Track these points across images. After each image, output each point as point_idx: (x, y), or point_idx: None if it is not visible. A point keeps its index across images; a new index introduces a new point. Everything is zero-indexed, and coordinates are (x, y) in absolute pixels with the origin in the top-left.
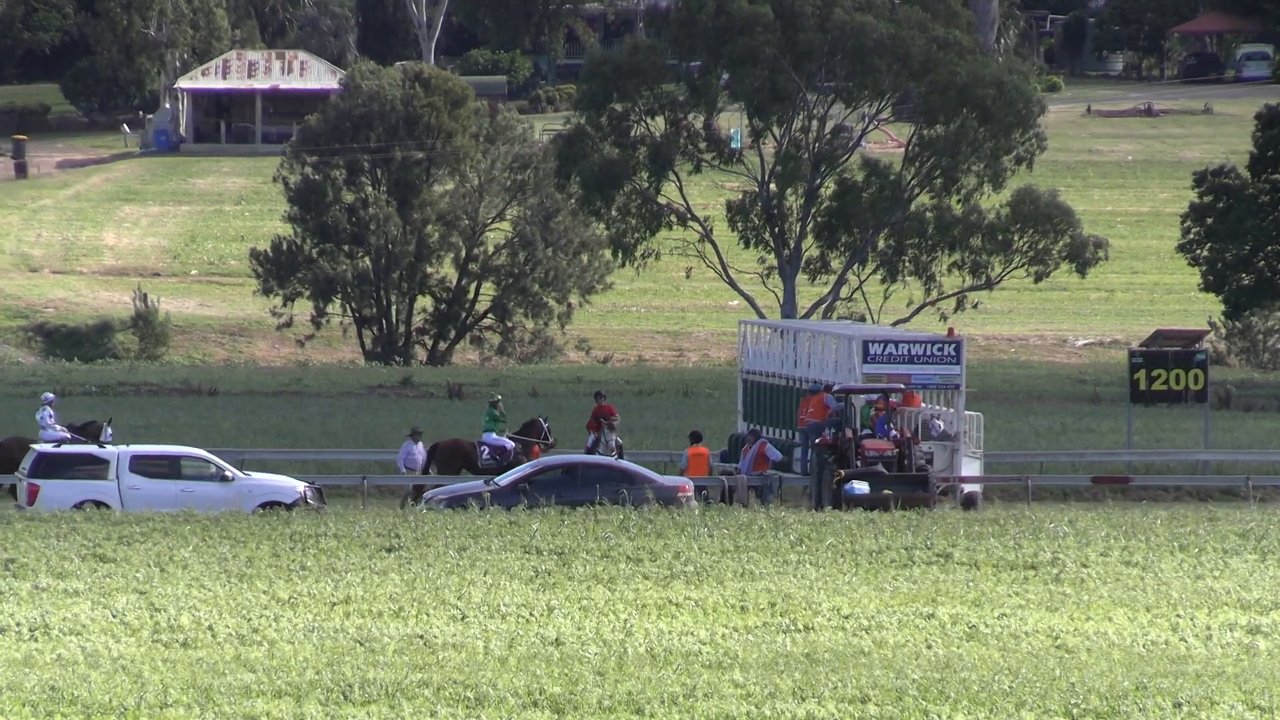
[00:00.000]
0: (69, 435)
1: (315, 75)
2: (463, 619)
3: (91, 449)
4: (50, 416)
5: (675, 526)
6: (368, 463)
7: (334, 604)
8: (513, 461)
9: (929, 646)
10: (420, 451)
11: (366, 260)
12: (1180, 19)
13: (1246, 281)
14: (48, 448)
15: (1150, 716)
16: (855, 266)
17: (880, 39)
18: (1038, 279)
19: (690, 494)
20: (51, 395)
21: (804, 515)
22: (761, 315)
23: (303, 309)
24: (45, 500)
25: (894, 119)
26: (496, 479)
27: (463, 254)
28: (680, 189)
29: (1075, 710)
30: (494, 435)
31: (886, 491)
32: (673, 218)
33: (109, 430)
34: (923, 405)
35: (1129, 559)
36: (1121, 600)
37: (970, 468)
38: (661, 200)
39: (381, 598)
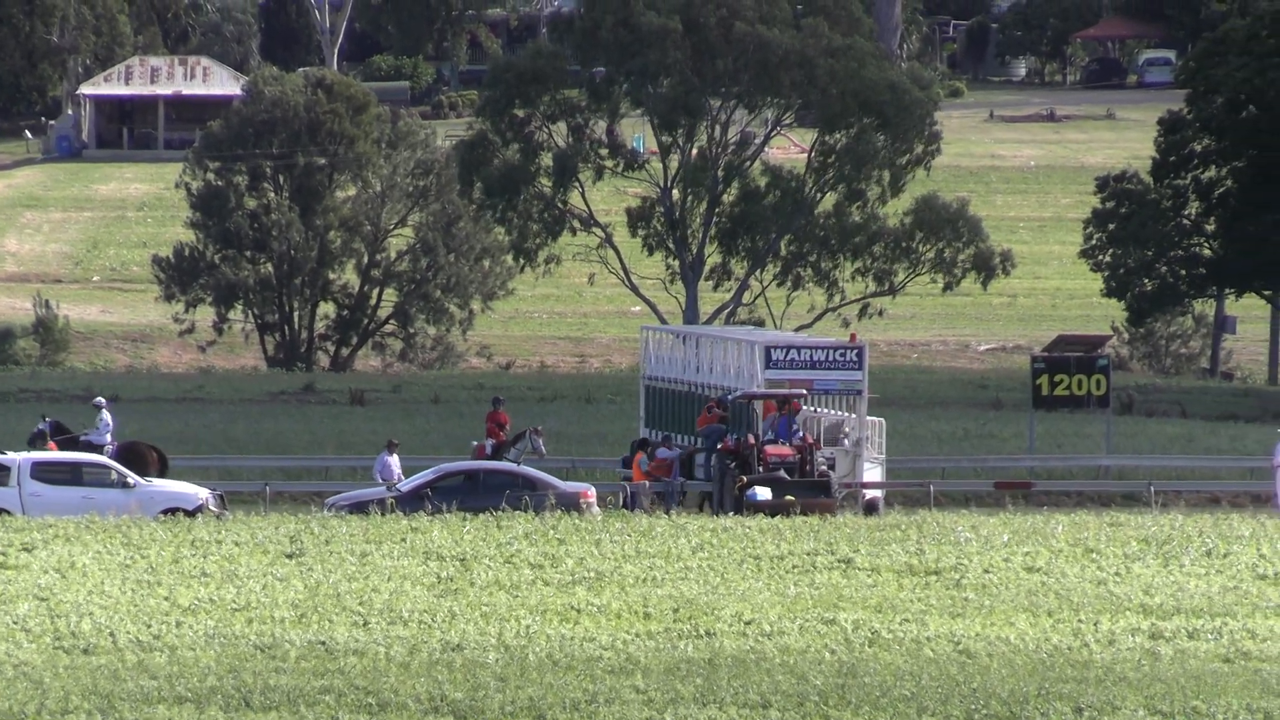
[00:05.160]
0: None
1: (218, 81)
2: (365, 625)
3: None
4: None
5: (577, 532)
6: (270, 469)
7: (235, 610)
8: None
9: (831, 652)
10: (396, 463)
11: (269, 266)
12: (1083, 24)
13: (1148, 287)
14: None
15: None
16: (758, 273)
17: (785, 54)
18: (945, 289)
19: (592, 500)
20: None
21: (706, 521)
22: (664, 321)
23: (205, 315)
24: None
25: (796, 125)
26: (398, 485)
27: (365, 260)
28: (583, 194)
29: (977, 715)
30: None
31: (789, 497)
32: (575, 223)
33: None
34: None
35: (1031, 564)
36: (1024, 605)
37: (872, 473)
38: (563, 205)
39: (283, 604)
